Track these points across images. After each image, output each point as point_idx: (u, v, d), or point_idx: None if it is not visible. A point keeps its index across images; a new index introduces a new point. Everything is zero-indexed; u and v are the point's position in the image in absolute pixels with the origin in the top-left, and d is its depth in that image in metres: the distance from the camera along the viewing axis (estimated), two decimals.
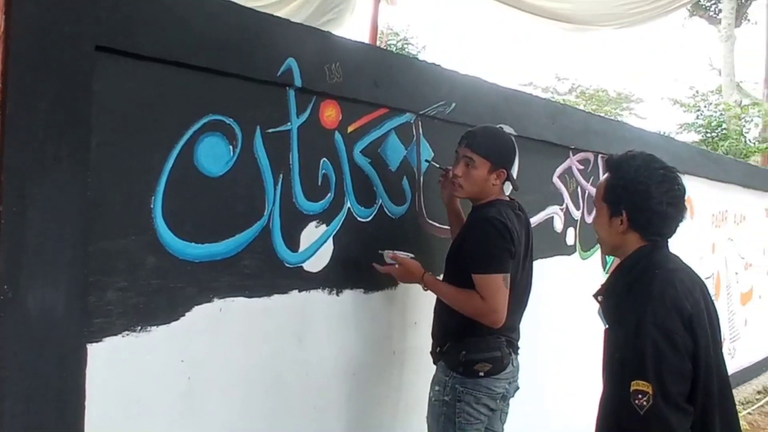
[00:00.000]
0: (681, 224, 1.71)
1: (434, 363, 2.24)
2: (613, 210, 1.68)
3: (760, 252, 6.35)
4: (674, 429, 1.48)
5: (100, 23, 1.53)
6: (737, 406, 5.02)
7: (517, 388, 2.29)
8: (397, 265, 2.17)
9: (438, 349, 2.20)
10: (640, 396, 1.48)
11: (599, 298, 1.77)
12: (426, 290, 2.17)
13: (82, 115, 1.51)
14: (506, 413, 2.29)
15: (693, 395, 1.54)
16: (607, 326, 1.74)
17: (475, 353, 2.11)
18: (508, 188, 2.30)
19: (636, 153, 1.71)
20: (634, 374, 1.50)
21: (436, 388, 2.16)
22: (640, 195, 1.63)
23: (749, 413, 5.13)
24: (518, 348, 2.25)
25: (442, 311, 2.20)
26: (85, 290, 1.54)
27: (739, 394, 5.61)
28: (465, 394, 2.10)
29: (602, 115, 10.53)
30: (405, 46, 16.16)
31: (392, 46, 15.27)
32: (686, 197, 1.71)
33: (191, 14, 1.71)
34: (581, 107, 14.88)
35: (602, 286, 1.80)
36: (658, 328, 1.51)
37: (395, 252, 2.19)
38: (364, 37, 4.63)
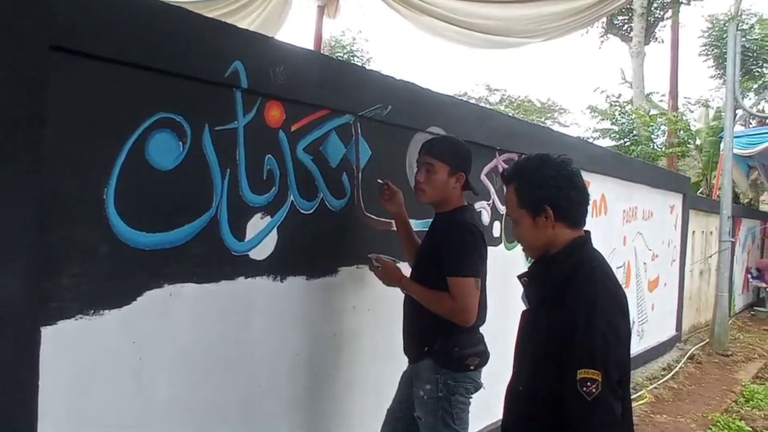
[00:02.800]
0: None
1: (413, 362, 2.32)
2: (534, 211, 1.70)
3: (665, 244, 6.89)
4: (616, 414, 1.53)
5: (55, 24, 1.61)
6: (645, 382, 5.47)
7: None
8: (380, 267, 2.32)
9: (426, 348, 2.25)
10: (588, 383, 1.49)
11: (523, 279, 1.84)
12: (404, 292, 2.33)
13: (38, 112, 1.59)
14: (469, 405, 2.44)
15: (621, 382, 1.59)
16: (528, 307, 1.85)
17: (467, 348, 2.26)
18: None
19: (529, 156, 1.79)
20: (582, 363, 1.51)
21: (427, 386, 2.23)
22: (554, 188, 1.68)
23: (655, 388, 5.60)
24: None
25: (423, 313, 2.25)
26: (41, 276, 1.63)
27: (647, 371, 6.11)
28: (458, 387, 2.24)
29: (526, 119, 11.03)
30: (351, 58, 16.40)
31: (338, 57, 15.42)
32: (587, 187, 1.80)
33: (144, 17, 1.81)
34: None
35: (528, 269, 1.85)
36: (606, 322, 1.55)
37: (379, 255, 2.35)
38: (309, 47, 4.77)
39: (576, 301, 1.59)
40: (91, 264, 1.75)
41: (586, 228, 1.77)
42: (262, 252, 2.23)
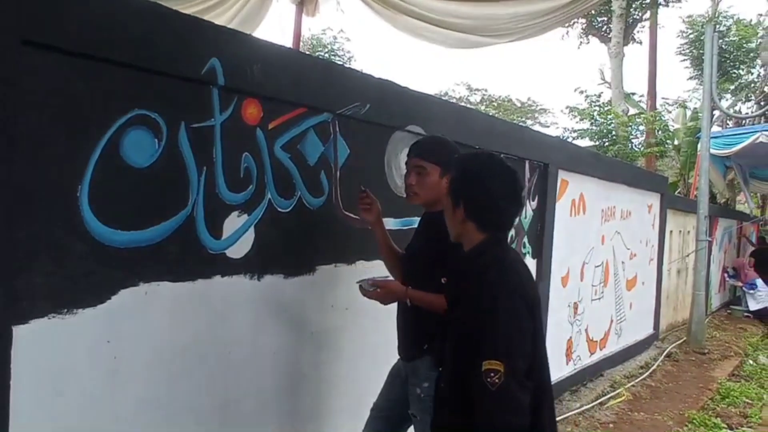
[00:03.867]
0: (516, 219, 1.84)
1: (410, 360, 2.30)
2: (454, 202, 1.81)
3: (643, 243, 6.98)
4: (522, 403, 1.58)
5: (27, 18, 1.59)
6: (623, 380, 5.51)
7: None
8: (378, 290, 2.21)
9: (426, 346, 2.21)
10: (492, 374, 1.55)
11: (443, 280, 1.91)
12: (410, 304, 2.23)
13: (8, 107, 1.57)
14: None
15: (530, 373, 1.65)
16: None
17: None
18: None
19: (479, 152, 1.86)
20: (486, 354, 1.58)
21: (425, 384, 2.18)
22: (476, 188, 1.77)
23: (633, 386, 5.65)
24: None
25: (419, 314, 2.21)
26: (12, 275, 1.61)
27: (625, 369, 6.18)
28: None
29: (503, 118, 11.14)
30: (332, 57, 16.44)
31: (319, 56, 15.44)
32: (523, 194, 1.84)
33: (119, 13, 1.80)
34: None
35: (447, 269, 1.92)
36: (509, 316, 1.62)
37: (374, 278, 2.25)
38: (288, 45, 4.76)
39: (482, 298, 1.67)
40: (65, 262, 1.74)
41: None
42: (239, 250, 2.23)
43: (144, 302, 1.94)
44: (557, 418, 4.47)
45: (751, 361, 7.48)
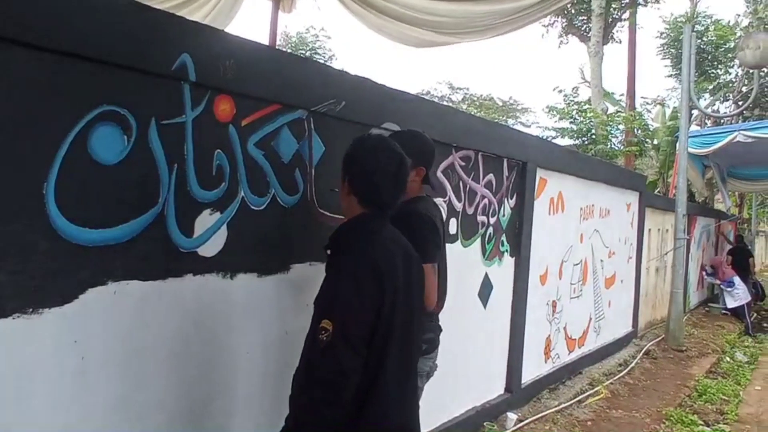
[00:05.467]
0: (396, 198, 1.93)
1: None
2: (343, 177, 1.96)
3: (622, 242, 7.04)
4: (342, 365, 1.68)
5: None
6: (602, 377, 5.57)
7: (437, 367, 2.52)
8: None
9: None
10: (323, 332, 1.69)
11: (327, 251, 2.00)
12: None
13: None
14: (422, 391, 2.49)
15: (373, 341, 1.75)
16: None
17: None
18: None
19: (372, 134, 2.00)
20: (324, 313, 1.73)
21: None
22: (359, 166, 1.92)
23: (611, 383, 5.71)
24: (441, 329, 2.49)
25: None
26: None
27: (603, 366, 6.23)
28: None
29: (484, 117, 11.20)
30: (313, 55, 16.41)
31: (302, 54, 15.42)
32: (401, 175, 1.92)
33: (86, 6, 1.77)
34: None
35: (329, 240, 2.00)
36: (352, 279, 1.74)
37: None
38: (265, 42, 4.73)
39: (338, 264, 1.82)
40: (30, 261, 1.70)
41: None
42: (211, 248, 2.20)
43: (113, 301, 1.91)
44: (536, 416, 4.51)
45: (728, 358, 7.60)
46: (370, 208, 1.91)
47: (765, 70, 13.22)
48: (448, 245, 3.68)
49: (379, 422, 1.79)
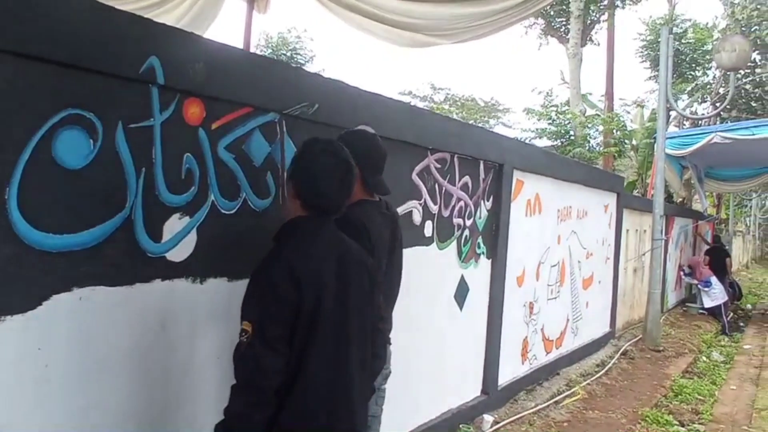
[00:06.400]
0: (339, 202, 1.94)
1: None
2: (288, 178, 1.98)
3: (600, 243, 7.11)
4: (262, 365, 1.70)
5: None
6: (579, 378, 5.61)
7: (389, 373, 2.51)
8: None
9: None
10: (243, 334, 1.72)
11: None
12: None
13: None
14: (383, 397, 2.47)
15: (292, 341, 1.76)
16: None
17: None
18: None
19: (320, 138, 2.01)
20: (244, 316, 1.75)
21: None
22: (301, 169, 1.93)
23: (588, 384, 5.76)
24: (389, 339, 2.38)
25: None
26: None
27: (581, 367, 6.29)
28: None
29: (460, 119, 11.24)
30: (294, 56, 16.36)
31: (282, 56, 15.39)
32: (343, 180, 1.92)
33: (49, 9, 1.73)
34: (454, 115, 15.83)
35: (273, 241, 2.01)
36: (267, 280, 1.76)
37: None
38: (240, 44, 4.69)
39: (260, 265, 1.82)
40: None
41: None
42: (180, 253, 2.18)
43: (78, 308, 1.88)
44: (512, 418, 4.54)
45: (704, 358, 7.71)
46: (312, 211, 1.92)
47: (742, 72, 13.45)
48: (423, 248, 3.70)
49: (300, 421, 1.78)
